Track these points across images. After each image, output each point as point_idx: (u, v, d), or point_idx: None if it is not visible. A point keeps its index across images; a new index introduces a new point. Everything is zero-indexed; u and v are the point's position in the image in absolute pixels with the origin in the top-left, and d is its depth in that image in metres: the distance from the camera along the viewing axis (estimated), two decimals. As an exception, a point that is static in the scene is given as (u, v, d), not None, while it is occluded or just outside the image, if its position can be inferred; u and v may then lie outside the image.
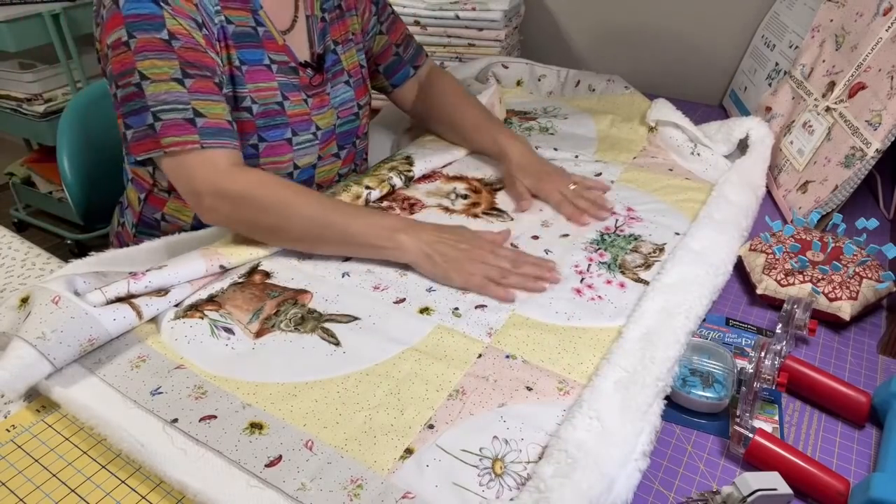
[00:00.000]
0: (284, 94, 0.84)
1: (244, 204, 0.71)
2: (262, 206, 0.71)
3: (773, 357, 0.58)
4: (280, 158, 0.85)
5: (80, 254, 0.71)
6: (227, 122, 0.74)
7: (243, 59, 0.80)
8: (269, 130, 0.83)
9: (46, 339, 0.57)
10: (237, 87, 0.79)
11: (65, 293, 0.61)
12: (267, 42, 0.82)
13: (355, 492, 0.49)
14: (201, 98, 0.71)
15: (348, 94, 0.94)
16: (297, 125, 0.86)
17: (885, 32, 0.83)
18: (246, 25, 0.80)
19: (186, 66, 0.71)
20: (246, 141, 0.82)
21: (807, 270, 0.70)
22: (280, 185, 0.73)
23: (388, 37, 1.02)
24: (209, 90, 0.72)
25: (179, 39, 0.71)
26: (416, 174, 0.95)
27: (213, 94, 0.73)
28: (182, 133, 0.70)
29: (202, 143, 0.71)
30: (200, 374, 0.60)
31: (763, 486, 0.47)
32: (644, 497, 0.51)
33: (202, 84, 0.72)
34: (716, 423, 0.57)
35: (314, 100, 0.89)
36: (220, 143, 0.72)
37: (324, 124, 0.90)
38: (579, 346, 0.64)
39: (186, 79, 0.71)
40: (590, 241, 0.81)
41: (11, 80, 1.95)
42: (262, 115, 0.82)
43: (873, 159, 0.79)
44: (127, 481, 0.51)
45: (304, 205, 0.72)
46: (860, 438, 0.57)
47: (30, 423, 0.56)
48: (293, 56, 0.85)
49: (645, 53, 1.42)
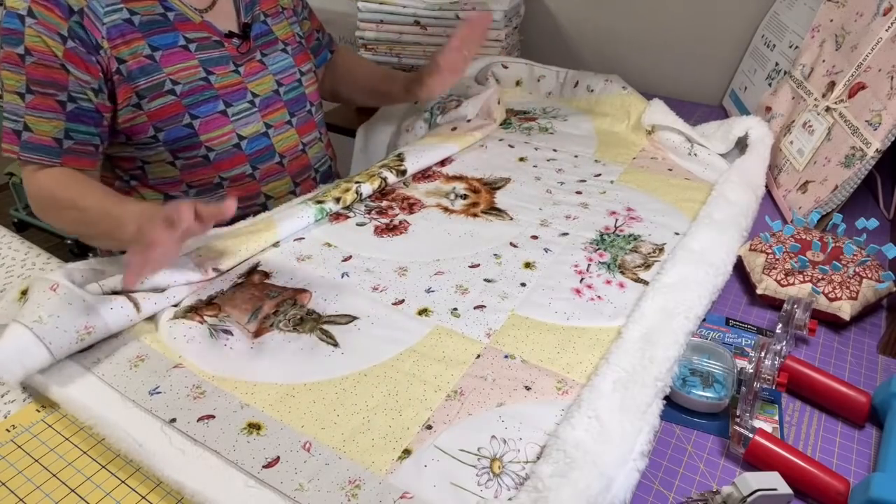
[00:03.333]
0: (208, 70, 0.86)
1: (38, 204, 0.82)
2: (44, 202, 0.81)
3: (773, 357, 0.58)
4: (220, 131, 0.88)
5: (80, 254, 0.72)
6: (55, 140, 0.79)
7: (155, 44, 0.82)
8: (198, 107, 0.85)
9: (43, 323, 0.58)
10: (152, 75, 0.81)
11: (63, 281, 0.61)
12: (180, 24, 0.84)
13: (353, 492, 0.49)
14: (34, 114, 0.77)
15: (287, 60, 0.97)
16: (229, 96, 0.88)
17: (885, 32, 0.83)
18: (153, 14, 0.82)
19: (31, 83, 0.76)
20: (179, 122, 0.84)
21: (807, 270, 0.70)
22: (60, 182, 0.79)
23: (311, 22, 1.09)
24: (46, 107, 0.77)
25: (33, 56, 0.75)
26: (408, 169, 0.95)
27: (48, 112, 0.78)
28: (10, 142, 0.79)
29: (20, 155, 0.79)
30: (199, 374, 0.60)
31: (763, 486, 0.47)
32: (644, 497, 0.51)
33: (40, 101, 0.77)
34: (716, 423, 0.57)
35: (245, 67, 0.90)
36: (36, 157, 0.79)
37: (261, 90, 0.92)
38: (578, 346, 0.64)
39: (28, 94, 0.77)
40: (589, 242, 0.81)
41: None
42: (187, 94, 0.84)
43: (873, 159, 0.79)
44: (127, 481, 0.51)
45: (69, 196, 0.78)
46: (860, 438, 0.57)
47: (30, 423, 0.56)
48: (215, 30, 0.87)
49: (645, 53, 1.42)
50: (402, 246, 0.80)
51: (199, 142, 0.86)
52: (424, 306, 0.69)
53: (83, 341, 0.60)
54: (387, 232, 0.83)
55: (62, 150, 0.79)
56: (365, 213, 0.87)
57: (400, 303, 0.70)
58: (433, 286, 0.72)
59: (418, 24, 1.41)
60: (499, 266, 0.76)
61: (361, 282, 0.73)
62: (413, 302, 0.70)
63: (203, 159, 0.88)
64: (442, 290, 0.72)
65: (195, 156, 0.87)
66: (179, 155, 0.87)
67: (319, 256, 0.78)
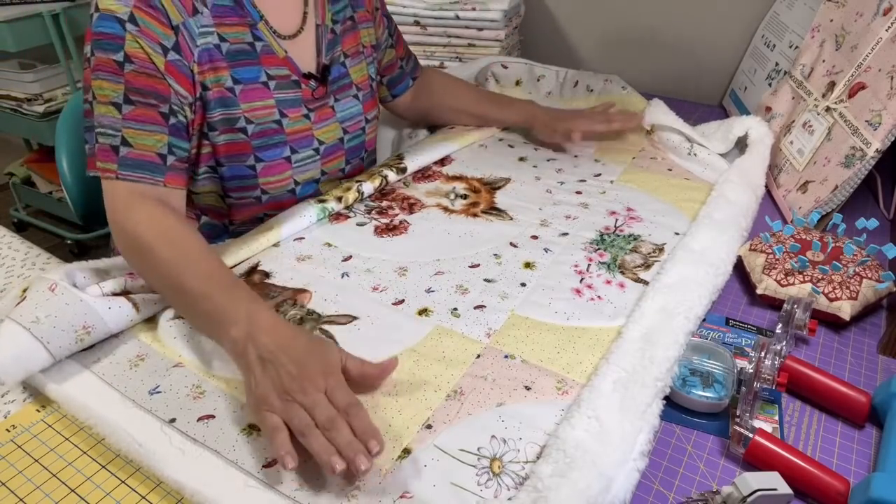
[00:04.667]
0: (283, 112, 0.82)
1: (126, 236, 0.66)
2: (136, 241, 0.65)
3: (773, 357, 0.58)
4: (280, 177, 0.84)
5: (80, 254, 0.71)
6: (159, 156, 0.71)
7: (238, 77, 0.77)
8: (265, 150, 0.81)
9: (40, 323, 0.58)
10: (230, 109, 0.77)
11: (61, 281, 0.61)
12: (265, 57, 0.80)
13: (353, 492, 0.49)
14: (134, 126, 0.69)
15: (356, 107, 0.93)
16: (296, 142, 0.84)
17: (885, 32, 0.83)
18: (241, 42, 0.78)
19: (131, 92, 0.69)
20: (242, 162, 0.81)
21: (807, 270, 0.70)
22: (164, 227, 0.66)
23: (395, 51, 1.04)
24: (148, 119, 0.70)
25: (134, 63, 0.69)
26: (408, 167, 0.95)
27: (150, 124, 0.70)
28: (106, 160, 0.69)
29: (118, 174, 0.69)
30: (199, 373, 0.60)
31: (763, 486, 0.47)
32: (644, 497, 0.51)
33: (142, 112, 0.69)
34: (716, 423, 0.57)
35: (316, 113, 0.87)
36: (137, 175, 0.69)
37: (327, 139, 0.89)
38: (578, 345, 0.64)
39: (126, 105, 0.69)
40: (589, 241, 0.81)
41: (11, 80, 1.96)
42: (258, 136, 0.80)
43: (873, 159, 0.79)
44: (127, 481, 0.51)
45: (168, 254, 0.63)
46: (860, 438, 0.57)
47: (30, 423, 0.56)
48: (295, 68, 0.83)
49: (645, 53, 1.42)
50: (402, 246, 0.80)
51: (257, 184, 0.83)
52: (424, 306, 0.69)
53: (82, 341, 0.60)
54: (387, 232, 0.83)
55: (165, 166, 0.72)
56: (365, 213, 0.87)
57: (400, 303, 0.70)
58: (433, 286, 0.72)
59: (418, 24, 1.41)
60: (499, 266, 0.76)
61: (361, 282, 0.73)
62: (413, 302, 0.70)
63: (255, 200, 0.85)
64: (442, 290, 0.72)
65: (248, 196, 0.84)
66: (232, 194, 0.83)
67: (319, 256, 0.78)
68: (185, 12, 0.72)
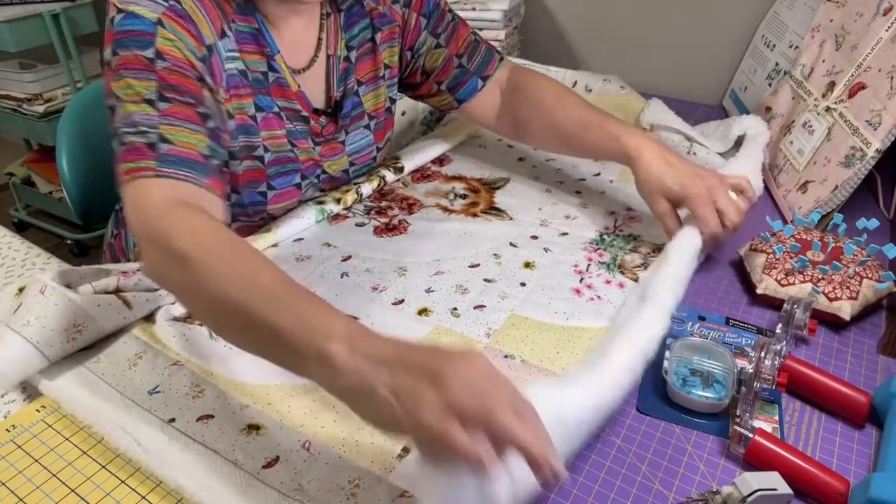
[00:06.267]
0: (292, 142, 0.80)
1: (161, 249, 0.52)
2: (177, 255, 0.50)
3: (773, 357, 0.58)
4: (288, 203, 0.83)
5: (80, 254, 0.71)
6: (202, 156, 0.61)
7: (260, 105, 0.75)
8: (278, 178, 0.80)
9: (31, 326, 0.58)
10: (251, 136, 0.75)
11: (50, 283, 0.61)
12: (275, 89, 0.77)
13: (353, 491, 0.49)
14: (173, 123, 0.60)
15: (367, 139, 0.89)
16: (306, 171, 0.83)
17: (885, 32, 0.83)
18: (257, 71, 0.75)
19: (165, 90, 0.60)
20: (254, 189, 0.79)
21: (807, 270, 0.70)
22: (212, 237, 0.52)
23: (448, 49, 0.90)
24: (186, 117, 0.61)
25: (166, 60, 0.61)
26: (405, 166, 0.95)
27: (189, 122, 0.61)
28: (138, 158, 0.57)
29: (157, 171, 0.57)
30: (198, 372, 0.60)
31: (763, 486, 0.47)
32: (644, 497, 0.51)
33: (179, 109, 0.61)
34: (716, 423, 0.57)
35: (323, 147, 0.84)
36: (181, 174, 0.58)
37: (333, 170, 0.87)
38: (578, 345, 0.64)
39: (161, 102, 0.60)
40: (589, 241, 0.81)
41: (11, 80, 1.96)
42: (273, 163, 0.78)
43: (873, 159, 0.78)
44: (127, 481, 0.51)
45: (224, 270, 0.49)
46: (860, 438, 0.57)
47: (30, 423, 0.56)
48: (306, 104, 0.80)
49: (645, 53, 1.42)
50: (401, 245, 0.80)
51: (265, 210, 0.81)
52: (424, 306, 0.69)
53: (75, 341, 0.60)
54: (386, 232, 0.83)
55: (209, 168, 0.61)
56: (364, 214, 0.87)
57: (400, 303, 0.70)
58: (433, 286, 0.72)
59: (418, 23, 1.41)
60: (498, 266, 0.76)
61: (361, 282, 0.73)
62: (413, 302, 0.70)
63: (261, 221, 0.83)
64: (441, 289, 0.72)
65: (255, 221, 0.82)
66: (240, 218, 0.81)
67: (319, 256, 0.78)
68: (215, 33, 0.68)
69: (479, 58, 0.91)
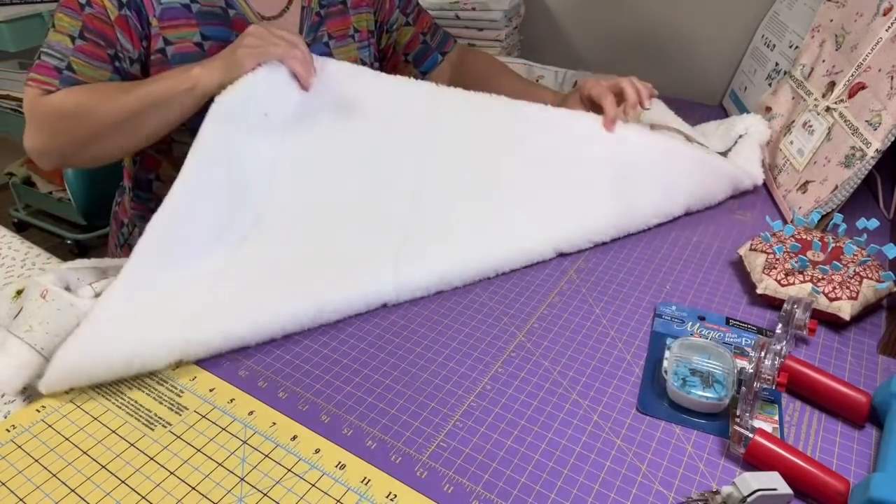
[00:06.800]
0: None
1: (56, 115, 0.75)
2: (68, 114, 0.74)
3: (773, 357, 0.58)
4: None
5: (80, 254, 0.71)
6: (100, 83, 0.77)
7: (207, 34, 0.81)
8: None
9: (34, 332, 0.58)
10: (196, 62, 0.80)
11: (51, 287, 0.61)
12: (238, 21, 0.83)
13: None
14: (82, 59, 0.76)
15: None
16: None
17: (885, 32, 0.83)
18: (214, 6, 0.81)
19: (86, 31, 0.76)
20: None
21: (807, 270, 0.70)
22: (81, 88, 0.75)
23: (415, 27, 1.03)
24: (95, 56, 0.76)
25: (93, 8, 0.76)
26: None
27: (96, 60, 0.77)
28: (46, 74, 0.75)
29: (58, 88, 0.75)
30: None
31: (763, 486, 0.47)
32: (644, 497, 0.51)
33: (92, 49, 0.76)
34: (716, 423, 0.57)
35: None
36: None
37: None
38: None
39: (79, 39, 0.76)
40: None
41: (11, 80, 1.96)
42: None
43: (873, 159, 0.78)
44: (127, 481, 0.51)
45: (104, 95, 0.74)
46: (860, 438, 0.57)
47: (30, 423, 0.56)
48: None
49: (645, 53, 1.42)
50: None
51: None
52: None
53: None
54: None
55: None
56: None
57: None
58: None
59: (418, 23, 1.41)
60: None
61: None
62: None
63: None
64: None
65: None
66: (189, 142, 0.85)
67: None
68: None
69: (439, 37, 1.07)
